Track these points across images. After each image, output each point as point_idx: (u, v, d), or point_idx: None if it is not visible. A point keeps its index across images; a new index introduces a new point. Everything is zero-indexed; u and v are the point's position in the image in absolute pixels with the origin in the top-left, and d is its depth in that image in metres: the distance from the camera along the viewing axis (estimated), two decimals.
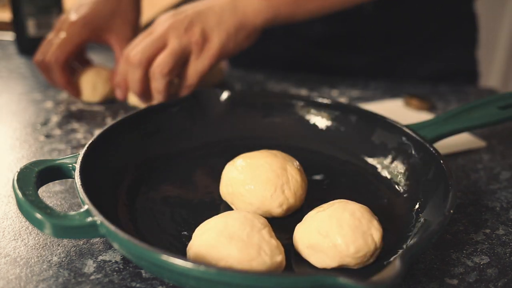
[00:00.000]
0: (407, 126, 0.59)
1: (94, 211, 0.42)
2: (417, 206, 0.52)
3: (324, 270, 0.45)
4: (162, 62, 0.65)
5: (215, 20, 0.68)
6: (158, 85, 0.67)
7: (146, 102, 0.71)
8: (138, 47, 0.67)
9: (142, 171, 0.58)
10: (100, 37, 0.79)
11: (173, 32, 0.66)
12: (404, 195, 0.55)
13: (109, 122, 0.74)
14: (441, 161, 0.52)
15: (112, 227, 0.40)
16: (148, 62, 0.67)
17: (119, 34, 0.79)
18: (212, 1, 0.70)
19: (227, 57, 0.72)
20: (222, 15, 0.69)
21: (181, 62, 0.67)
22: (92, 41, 0.79)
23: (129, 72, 0.68)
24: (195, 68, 0.68)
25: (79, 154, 0.50)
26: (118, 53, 0.78)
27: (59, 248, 0.48)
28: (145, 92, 0.70)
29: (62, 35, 0.75)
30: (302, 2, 0.73)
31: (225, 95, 0.67)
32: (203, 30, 0.67)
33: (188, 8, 0.70)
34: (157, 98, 0.68)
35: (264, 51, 1.00)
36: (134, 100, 0.78)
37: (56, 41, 0.75)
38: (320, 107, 0.66)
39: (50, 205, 0.50)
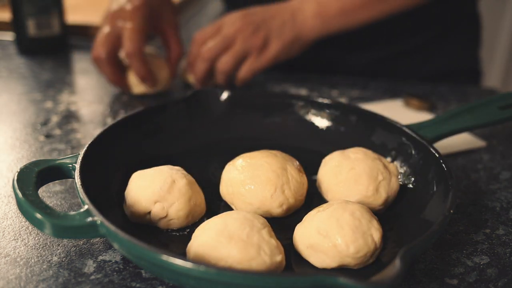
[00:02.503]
0: (407, 126, 0.59)
1: (94, 211, 0.42)
2: (417, 206, 0.52)
3: (324, 270, 0.45)
4: (226, 62, 0.79)
5: (277, 30, 0.79)
6: (220, 78, 0.82)
7: (200, 85, 0.83)
8: (210, 44, 0.79)
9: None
10: (155, 25, 0.83)
11: (241, 35, 0.78)
12: (404, 195, 0.55)
13: (109, 122, 0.74)
14: (441, 161, 0.52)
15: (112, 227, 0.40)
16: (215, 59, 0.79)
17: (170, 23, 0.85)
18: (276, 11, 0.80)
19: (276, 63, 0.82)
20: (283, 26, 0.79)
21: (241, 61, 0.80)
22: (150, 30, 0.82)
23: (198, 62, 0.80)
24: (251, 67, 0.80)
25: (79, 154, 0.50)
26: (172, 41, 0.84)
27: (59, 248, 0.48)
28: (204, 80, 0.82)
29: (129, 25, 0.77)
30: (351, 14, 0.81)
31: (225, 95, 0.67)
32: (265, 36, 0.79)
33: (256, 13, 0.80)
34: (219, 79, 0.82)
35: None
36: (138, 88, 0.82)
37: (125, 33, 0.77)
38: (320, 107, 0.66)
39: (50, 205, 0.50)
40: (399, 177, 0.56)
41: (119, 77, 0.80)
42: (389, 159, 0.59)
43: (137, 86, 0.81)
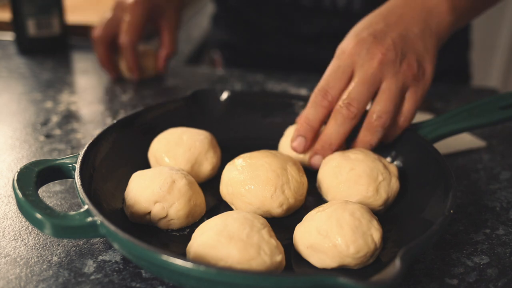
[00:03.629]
0: None
1: (94, 211, 0.42)
2: (417, 206, 0.52)
3: (324, 270, 0.45)
4: (385, 111, 0.55)
5: (422, 45, 0.58)
6: (375, 138, 0.56)
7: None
8: (351, 95, 0.54)
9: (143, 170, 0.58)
10: (155, 20, 0.85)
11: (387, 68, 0.55)
12: (404, 195, 0.55)
13: (109, 122, 0.74)
14: (441, 161, 0.52)
15: (112, 227, 0.40)
16: (363, 112, 0.55)
17: (170, 20, 0.85)
18: (403, 19, 0.59)
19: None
20: (424, 38, 0.58)
21: (398, 105, 0.56)
22: (149, 24, 0.85)
23: (339, 124, 0.55)
24: (413, 105, 0.56)
25: (79, 154, 0.50)
26: (167, 39, 0.85)
27: (59, 248, 0.48)
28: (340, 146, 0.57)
29: (127, 18, 0.81)
30: (479, 4, 0.65)
31: (225, 95, 0.67)
32: (417, 60, 0.56)
33: (383, 31, 0.57)
34: (375, 139, 0.56)
35: (264, 51, 1.00)
36: (127, 74, 0.87)
37: (123, 25, 0.82)
38: None
39: (50, 205, 0.50)
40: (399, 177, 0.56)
41: (107, 61, 0.86)
42: (389, 159, 0.59)
43: (126, 72, 0.88)
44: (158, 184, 0.49)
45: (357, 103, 0.54)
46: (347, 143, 0.59)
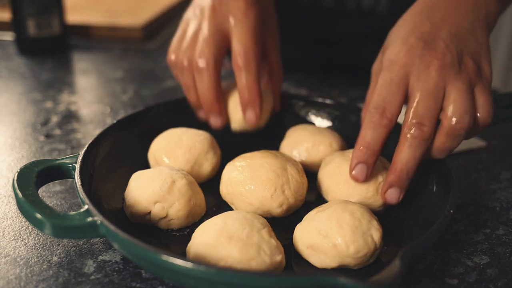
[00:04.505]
0: None
1: (94, 211, 0.42)
2: (417, 206, 0.52)
3: (324, 270, 0.45)
4: (465, 111, 0.48)
5: (474, 41, 0.52)
6: (455, 143, 0.50)
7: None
8: (420, 112, 0.48)
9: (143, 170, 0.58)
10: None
11: (448, 73, 0.49)
12: (404, 195, 0.55)
13: (109, 122, 0.74)
14: (441, 161, 0.52)
15: (112, 227, 0.40)
16: (435, 127, 0.49)
17: (274, 38, 0.64)
18: (447, 14, 0.53)
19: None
20: (475, 32, 0.53)
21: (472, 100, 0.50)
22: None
23: (414, 148, 0.48)
24: (488, 98, 0.50)
25: (79, 154, 0.50)
26: (276, 64, 0.63)
27: (59, 248, 0.48)
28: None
29: (242, 27, 0.58)
30: None
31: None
32: (472, 57, 0.51)
33: (431, 33, 0.51)
34: (450, 151, 0.51)
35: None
36: (238, 123, 0.62)
37: (236, 33, 0.58)
38: (320, 107, 0.66)
39: (50, 205, 0.50)
40: None
41: (219, 97, 0.59)
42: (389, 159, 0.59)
43: (237, 119, 0.61)
44: (158, 184, 0.49)
45: (428, 121, 0.48)
46: (345, 143, 0.59)
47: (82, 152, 0.50)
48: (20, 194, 0.43)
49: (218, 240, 0.42)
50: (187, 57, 0.58)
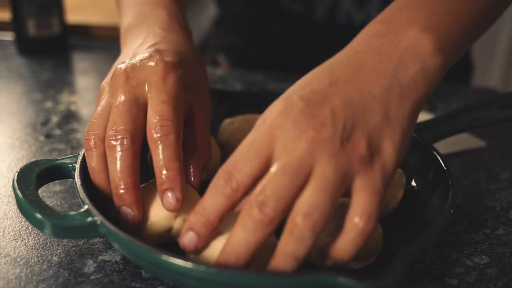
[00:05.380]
0: None
1: (94, 211, 0.42)
2: (417, 206, 0.52)
3: (324, 270, 0.45)
4: (316, 207, 0.37)
5: (381, 113, 0.40)
6: (300, 248, 0.38)
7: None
8: (267, 189, 0.38)
9: (143, 170, 0.58)
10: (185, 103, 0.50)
11: (320, 150, 0.38)
12: (404, 195, 0.55)
13: None
14: (441, 161, 0.52)
15: (112, 227, 0.40)
16: (285, 213, 0.39)
17: (202, 106, 0.52)
18: (357, 73, 0.41)
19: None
20: (387, 101, 0.40)
21: (338, 199, 0.38)
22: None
23: (249, 231, 0.38)
24: (367, 198, 0.38)
25: (79, 154, 0.50)
26: (201, 137, 0.50)
27: (59, 248, 0.48)
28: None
29: (160, 96, 0.47)
30: (472, 29, 0.46)
31: (225, 95, 0.67)
32: (368, 136, 0.39)
33: (322, 94, 0.40)
34: (290, 265, 0.38)
35: (264, 51, 1.00)
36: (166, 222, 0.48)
37: (155, 103, 0.47)
38: None
39: (50, 205, 0.50)
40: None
41: (137, 186, 0.46)
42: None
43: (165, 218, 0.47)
44: None
45: (274, 202, 0.37)
46: None
47: (82, 152, 0.50)
48: (20, 194, 0.43)
49: (219, 240, 0.42)
50: (95, 134, 0.47)
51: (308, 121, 0.39)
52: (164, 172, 0.44)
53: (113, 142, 0.44)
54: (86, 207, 0.43)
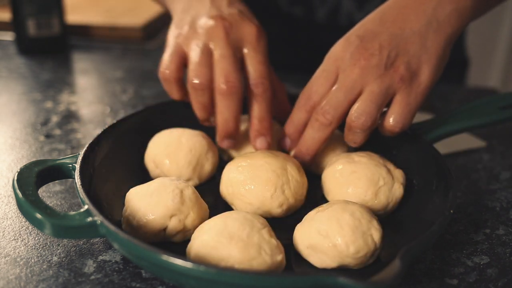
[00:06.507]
0: None
1: (94, 211, 0.42)
2: (417, 206, 0.52)
3: (324, 270, 0.45)
4: (363, 113, 0.51)
5: (419, 44, 0.52)
6: (357, 138, 0.53)
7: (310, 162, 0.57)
8: (329, 102, 0.52)
9: (143, 170, 0.58)
10: None
11: (369, 74, 0.51)
12: (404, 195, 0.55)
13: (109, 122, 0.74)
14: (441, 161, 0.52)
15: (112, 227, 0.40)
16: (342, 118, 0.53)
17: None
18: (401, 15, 0.53)
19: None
20: (425, 34, 0.52)
21: (383, 106, 0.52)
22: None
23: (315, 130, 0.54)
24: (407, 107, 0.52)
25: (79, 154, 0.50)
26: (278, 86, 0.62)
27: (59, 248, 0.48)
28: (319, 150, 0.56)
29: (254, 49, 0.57)
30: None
31: None
32: (408, 62, 0.51)
33: (373, 33, 0.53)
34: (355, 141, 0.54)
35: (276, 60, 1.00)
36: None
37: (251, 57, 0.57)
38: None
39: (50, 205, 0.50)
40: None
41: (239, 126, 0.58)
42: (390, 160, 0.59)
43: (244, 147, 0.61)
44: (168, 197, 0.47)
45: (333, 110, 0.52)
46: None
47: (82, 152, 0.50)
48: (20, 194, 0.43)
49: (219, 241, 0.42)
50: (205, 76, 0.54)
51: (360, 52, 0.51)
52: (260, 121, 0.56)
53: (227, 90, 0.53)
54: (86, 207, 0.43)
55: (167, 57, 0.58)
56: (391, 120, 0.52)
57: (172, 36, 0.59)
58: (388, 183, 0.52)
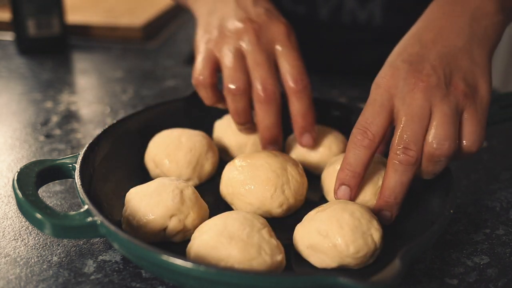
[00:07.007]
0: None
1: (94, 211, 0.42)
2: (417, 206, 0.52)
3: (324, 270, 0.45)
4: (445, 137, 0.47)
5: (469, 60, 0.50)
6: (439, 167, 0.49)
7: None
8: (405, 138, 0.47)
9: (143, 171, 0.58)
10: None
11: (433, 95, 0.47)
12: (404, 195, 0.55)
13: (109, 122, 0.74)
14: None
15: (112, 227, 0.40)
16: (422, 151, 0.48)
17: None
18: (440, 35, 0.51)
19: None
20: (470, 50, 0.51)
21: (457, 127, 0.48)
22: None
23: (400, 173, 0.48)
24: (476, 125, 0.48)
25: (79, 154, 0.50)
26: None
27: (59, 248, 0.48)
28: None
29: (289, 47, 0.58)
30: None
31: None
32: (464, 78, 0.49)
33: (419, 55, 0.50)
34: (435, 174, 0.50)
35: None
36: None
37: (286, 56, 0.57)
38: (320, 107, 0.66)
39: (50, 205, 0.50)
40: None
41: (281, 132, 0.58)
42: None
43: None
44: (168, 197, 0.47)
45: (414, 145, 0.47)
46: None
47: (82, 152, 0.50)
48: (20, 194, 0.43)
49: (219, 241, 0.42)
50: (242, 81, 0.55)
51: (415, 76, 0.48)
52: (305, 117, 0.56)
53: (266, 98, 0.54)
54: (86, 207, 0.43)
55: (199, 63, 0.57)
56: (467, 141, 0.48)
57: (202, 41, 0.58)
58: None
